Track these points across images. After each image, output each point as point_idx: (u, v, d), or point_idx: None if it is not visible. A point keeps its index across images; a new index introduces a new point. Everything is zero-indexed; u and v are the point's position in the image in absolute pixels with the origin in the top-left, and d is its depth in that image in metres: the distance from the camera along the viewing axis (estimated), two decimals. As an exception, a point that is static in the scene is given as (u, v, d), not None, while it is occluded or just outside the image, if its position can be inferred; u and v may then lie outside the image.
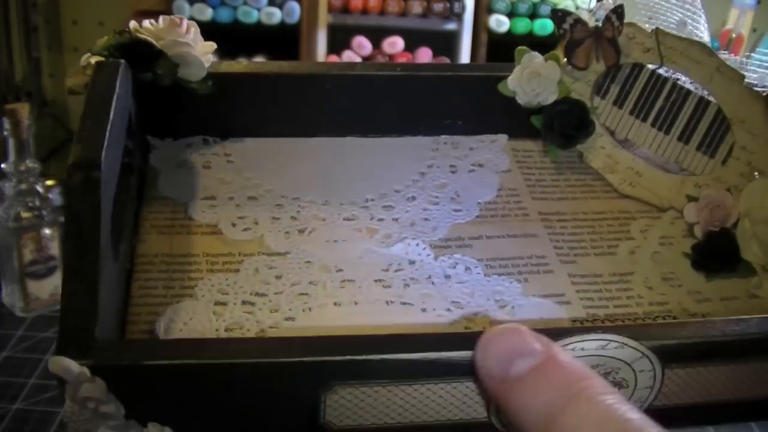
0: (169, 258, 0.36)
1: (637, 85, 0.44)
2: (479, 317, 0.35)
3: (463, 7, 1.10)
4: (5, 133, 0.85)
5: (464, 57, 1.13)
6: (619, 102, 0.45)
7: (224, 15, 1.09)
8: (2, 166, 0.87)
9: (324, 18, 1.11)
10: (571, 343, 0.29)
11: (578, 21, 0.45)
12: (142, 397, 0.27)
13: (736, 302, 0.39)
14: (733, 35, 1.06)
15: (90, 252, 0.29)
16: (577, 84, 0.45)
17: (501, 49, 1.18)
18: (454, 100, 0.44)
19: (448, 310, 0.35)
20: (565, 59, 0.45)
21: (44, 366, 0.82)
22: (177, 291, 0.35)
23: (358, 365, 0.27)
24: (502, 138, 0.45)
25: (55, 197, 1.17)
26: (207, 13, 1.08)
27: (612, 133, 0.45)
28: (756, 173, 0.40)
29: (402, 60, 1.11)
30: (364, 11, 1.10)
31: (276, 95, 0.42)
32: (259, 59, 1.14)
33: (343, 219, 0.39)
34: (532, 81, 0.44)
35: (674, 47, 0.43)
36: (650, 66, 0.44)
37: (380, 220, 0.39)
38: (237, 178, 0.41)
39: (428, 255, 0.38)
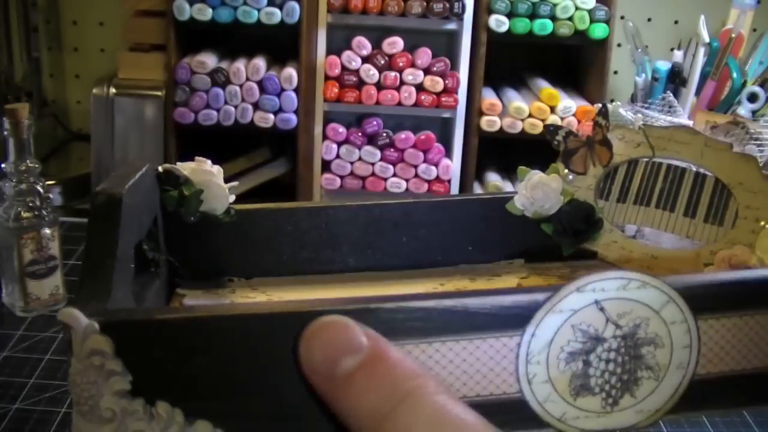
0: None
1: (636, 178, 0.48)
2: None
3: (463, 7, 1.10)
4: (5, 133, 0.85)
5: (464, 57, 1.13)
6: (621, 197, 0.48)
7: (224, 15, 1.09)
8: (2, 166, 0.87)
9: (324, 18, 1.11)
10: (591, 282, 0.28)
11: (570, 133, 0.49)
12: (148, 365, 0.26)
13: None
14: (733, 35, 1.06)
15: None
16: (579, 192, 0.49)
17: (501, 49, 1.17)
18: (465, 227, 0.47)
19: None
20: (565, 168, 0.49)
21: (44, 366, 0.82)
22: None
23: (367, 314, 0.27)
24: (518, 262, 0.48)
25: (55, 197, 1.17)
26: (207, 13, 1.08)
27: (622, 229, 0.49)
28: (763, 223, 0.42)
29: (402, 60, 1.11)
30: (364, 11, 1.10)
31: (290, 230, 0.45)
32: (259, 59, 1.14)
33: None
34: (536, 191, 0.47)
35: (661, 136, 0.46)
36: (644, 159, 0.47)
37: None
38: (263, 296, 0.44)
39: None
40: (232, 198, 0.44)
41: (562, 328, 0.28)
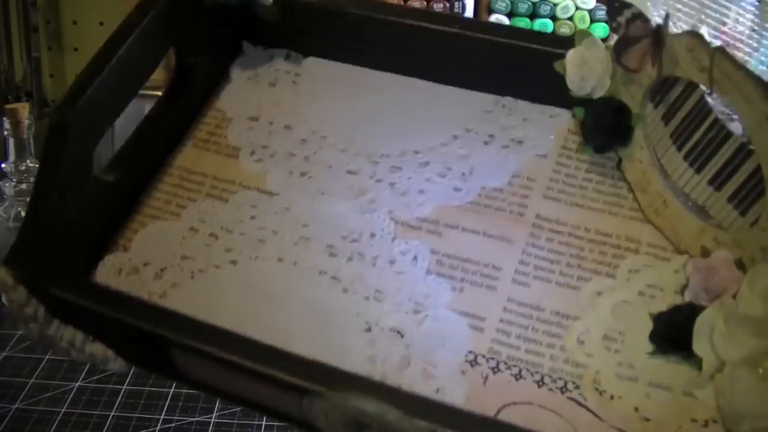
0: (185, 174, 0.39)
1: (685, 107, 0.38)
2: (380, 324, 0.34)
3: (463, 7, 1.10)
4: (5, 133, 0.85)
5: (464, 57, 1.13)
6: (666, 118, 0.38)
7: (224, 15, 1.09)
8: (2, 166, 0.87)
9: (324, 18, 1.11)
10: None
11: (637, 16, 0.37)
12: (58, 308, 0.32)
13: (663, 393, 0.33)
14: (733, 35, 1.06)
15: (45, 194, 0.34)
16: (631, 86, 0.39)
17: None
18: (531, 66, 0.40)
19: (366, 298, 0.34)
20: (616, 59, 0.38)
21: (44, 366, 0.82)
22: (171, 208, 0.38)
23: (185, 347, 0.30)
24: (563, 115, 0.41)
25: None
26: (207, 13, 1.08)
27: (654, 150, 0.39)
28: None
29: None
30: (364, 11, 1.10)
31: (355, 28, 0.42)
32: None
33: (346, 171, 0.39)
34: (582, 68, 0.38)
35: (729, 75, 0.33)
36: (702, 88, 0.36)
37: (378, 181, 0.39)
38: (288, 103, 0.41)
39: (389, 234, 0.37)
40: None
41: None
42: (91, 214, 0.37)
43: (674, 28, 0.37)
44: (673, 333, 0.33)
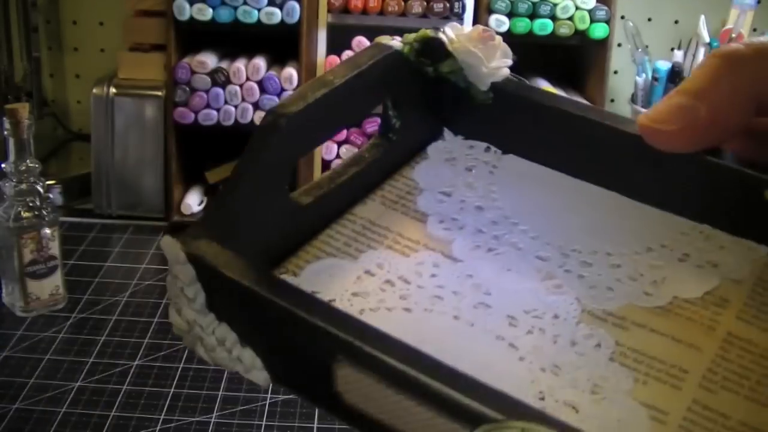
0: (368, 224, 0.39)
1: None
2: (555, 396, 0.32)
3: (463, 7, 1.10)
4: (5, 133, 0.85)
5: (464, 57, 1.13)
6: None
7: (224, 15, 1.09)
8: (2, 166, 0.87)
9: (324, 18, 1.11)
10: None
11: None
12: (215, 295, 0.31)
13: None
14: (733, 35, 1.06)
15: (245, 179, 0.34)
16: None
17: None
18: (735, 195, 0.39)
19: (543, 369, 0.33)
20: None
21: (44, 366, 0.82)
22: (349, 250, 0.38)
23: (357, 350, 0.28)
24: (762, 251, 0.39)
25: (55, 197, 1.17)
26: (207, 13, 1.08)
27: None
28: None
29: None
30: (364, 11, 1.10)
31: (560, 130, 0.42)
32: (259, 59, 1.14)
33: (536, 256, 0.38)
34: None
35: None
36: None
37: (567, 271, 0.38)
38: (482, 188, 0.41)
39: (574, 318, 0.36)
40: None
41: None
42: (274, 227, 0.36)
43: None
44: None
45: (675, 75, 1.09)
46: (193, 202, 1.15)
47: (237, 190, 0.34)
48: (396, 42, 0.39)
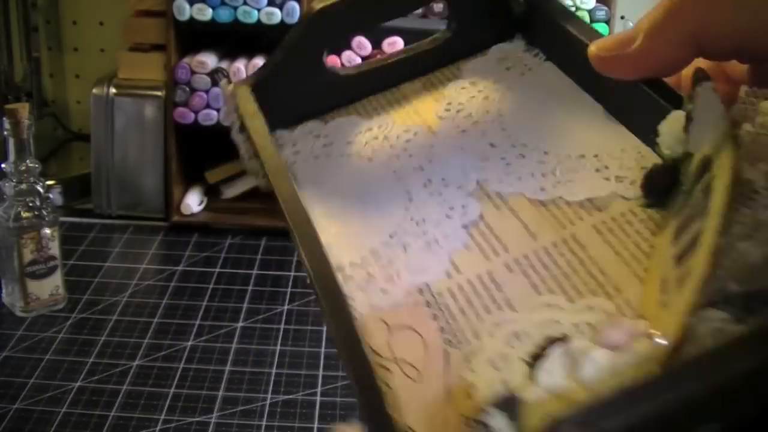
0: (401, 98, 0.46)
1: None
2: None
3: (463, 7, 1.10)
4: (5, 133, 0.85)
5: (464, 57, 1.13)
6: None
7: (224, 15, 1.09)
8: (2, 166, 0.87)
9: (324, 18, 1.11)
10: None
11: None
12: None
13: None
14: (733, 35, 1.07)
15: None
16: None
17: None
18: None
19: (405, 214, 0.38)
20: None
21: (44, 366, 0.82)
22: (369, 111, 0.45)
23: None
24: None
25: (55, 197, 1.17)
26: (207, 13, 1.08)
27: None
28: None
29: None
30: (364, 11, 1.10)
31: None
32: (259, 59, 1.14)
33: (489, 143, 0.42)
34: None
35: None
36: None
37: (503, 158, 0.41)
38: (504, 85, 0.46)
39: (469, 189, 0.40)
40: None
41: None
42: (311, 92, 0.43)
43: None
44: None
45: (675, 75, 1.09)
46: (193, 202, 1.15)
47: (279, 61, 0.42)
48: None
